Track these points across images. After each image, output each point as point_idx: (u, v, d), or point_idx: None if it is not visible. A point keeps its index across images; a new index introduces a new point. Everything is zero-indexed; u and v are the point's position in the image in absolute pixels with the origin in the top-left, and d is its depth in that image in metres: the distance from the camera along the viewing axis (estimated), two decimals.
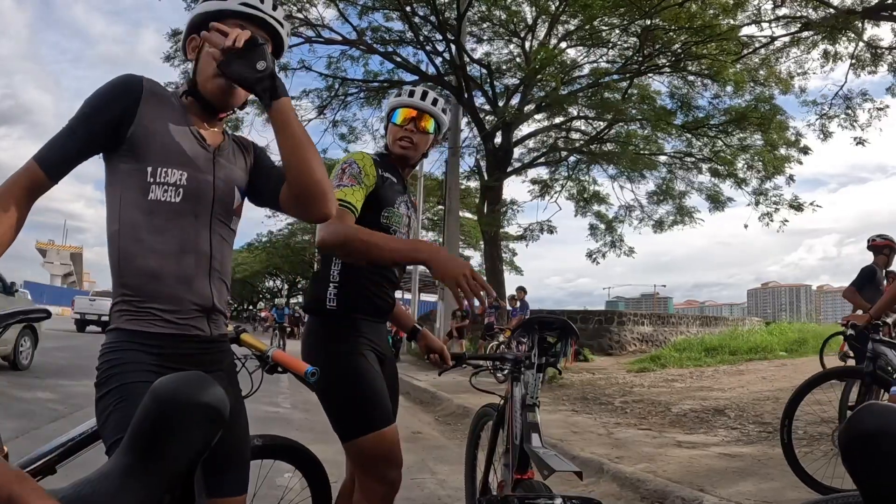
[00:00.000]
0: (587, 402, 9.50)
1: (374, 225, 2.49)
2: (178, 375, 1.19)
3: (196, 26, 1.85)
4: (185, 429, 1.14)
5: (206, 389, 1.17)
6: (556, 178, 20.90)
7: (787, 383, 10.13)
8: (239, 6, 1.80)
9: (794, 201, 17.32)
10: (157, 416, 1.13)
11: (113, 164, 1.73)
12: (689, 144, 18.67)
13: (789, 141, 16.99)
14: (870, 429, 1.15)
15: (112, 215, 1.74)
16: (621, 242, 20.22)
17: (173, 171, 1.72)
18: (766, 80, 16.21)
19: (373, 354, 2.54)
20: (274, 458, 2.60)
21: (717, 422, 7.52)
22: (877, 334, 4.64)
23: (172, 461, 1.14)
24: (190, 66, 1.89)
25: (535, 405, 2.49)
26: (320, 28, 17.42)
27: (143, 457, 1.12)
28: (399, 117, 2.70)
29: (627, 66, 17.12)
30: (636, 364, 15.01)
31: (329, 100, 19.03)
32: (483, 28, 19.38)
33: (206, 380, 1.20)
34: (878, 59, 13.70)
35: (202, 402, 1.15)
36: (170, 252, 1.72)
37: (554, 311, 20.48)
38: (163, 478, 1.13)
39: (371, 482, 2.45)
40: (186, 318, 1.75)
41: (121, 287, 1.72)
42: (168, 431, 1.13)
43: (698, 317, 26.05)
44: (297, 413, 8.19)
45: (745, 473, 5.05)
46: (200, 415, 1.15)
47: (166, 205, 1.71)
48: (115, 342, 1.70)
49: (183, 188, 1.73)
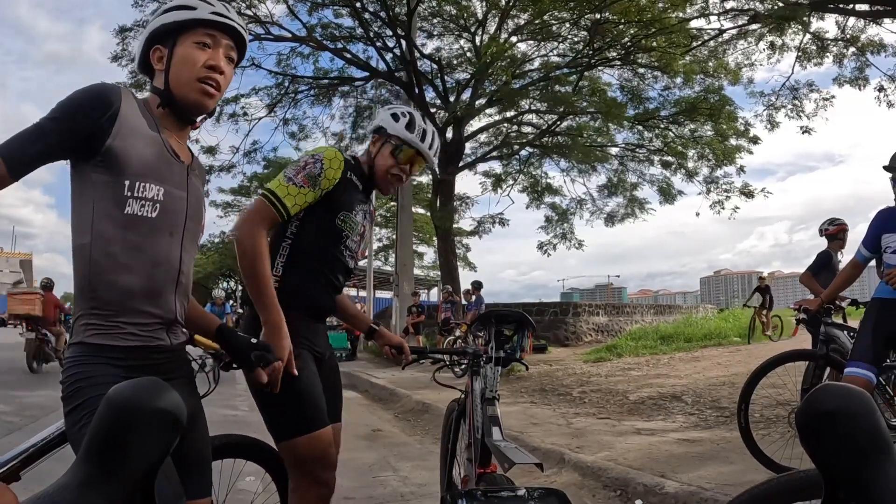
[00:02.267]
0: (545, 394, 9.53)
1: (327, 225, 2.49)
2: (133, 382, 1.17)
3: (161, 36, 1.85)
4: (142, 435, 1.12)
5: (162, 395, 1.16)
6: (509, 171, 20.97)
7: (743, 368, 10.31)
8: (210, 15, 1.83)
9: (745, 188, 17.67)
10: (114, 424, 1.12)
11: (84, 173, 1.69)
12: (640, 136, 18.89)
13: (739, 131, 17.29)
14: (826, 409, 1.16)
15: (82, 226, 1.69)
16: (572, 235, 20.36)
17: (151, 186, 1.72)
18: (715, 72, 16.47)
19: (308, 354, 2.50)
20: (238, 457, 2.56)
21: (675, 408, 7.60)
22: (829, 318, 4.72)
23: (131, 469, 1.12)
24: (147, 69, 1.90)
25: (495, 398, 2.48)
26: (270, 25, 17.22)
27: (100, 466, 1.11)
28: (403, 156, 2.66)
29: (578, 59, 17.23)
30: (592, 354, 15.11)
31: (279, 97, 18.84)
32: (433, 23, 19.36)
33: (160, 385, 1.18)
34: (823, 52, 14.00)
35: (158, 408, 1.14)
36: (143, 268, 1.72)
37: (509, 305, 20.57)
38: (122, 486, 1.11)
39: (305, 483, 2.43)
40: (149, 330, 1.76)
41: (90, 300, 1.69)
42: (125, 439, 1.11)
43: (652, 306, 26.47)
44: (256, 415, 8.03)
45: (705, 458, 5.10)
46: (157, 421, 1.14)
47: (143, 220, 1.71)
48: (81, 356, 1.68)
49: (160, 204, 1.74)
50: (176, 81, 1.81)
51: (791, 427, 4.58)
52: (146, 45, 1.87)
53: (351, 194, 2.56)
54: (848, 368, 3.79)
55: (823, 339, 4.68)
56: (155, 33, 1.84)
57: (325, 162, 2.44)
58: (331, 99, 19.60)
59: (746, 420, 4.67)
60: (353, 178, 2.57)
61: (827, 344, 4.65)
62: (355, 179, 2.59)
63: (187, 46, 1.82)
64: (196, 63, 1.81)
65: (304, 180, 2.40)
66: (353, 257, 2.65)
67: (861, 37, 13.64)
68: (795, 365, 4.77)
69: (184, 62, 1.81)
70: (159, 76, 1.85)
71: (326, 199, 2.47)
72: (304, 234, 2.50)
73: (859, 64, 14.00)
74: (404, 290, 18.85)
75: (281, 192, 2.37)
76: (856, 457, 1.14)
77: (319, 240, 2.51)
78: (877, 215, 4.06)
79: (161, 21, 1.83)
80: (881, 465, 1.14)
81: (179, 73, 1.81)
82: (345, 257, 2.60)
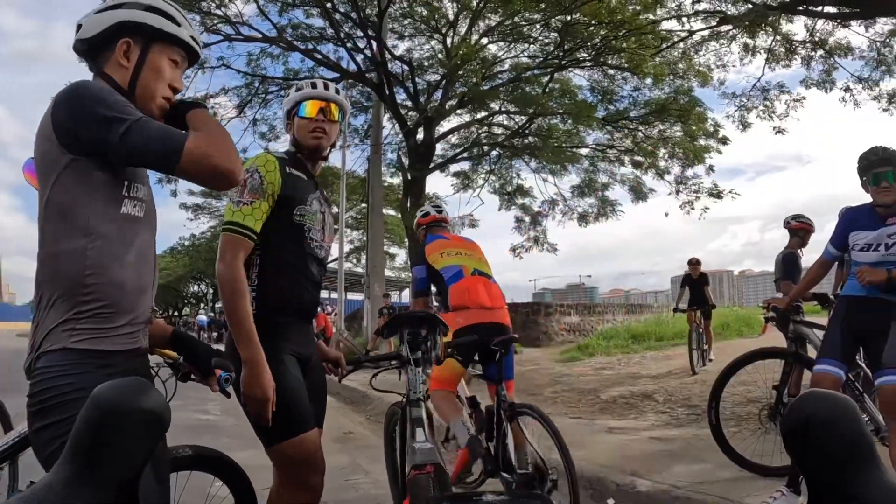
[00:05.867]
0: (517, 394, 9.47)
1: (287, 224, 2.51)
2: (117, 382, 1.18)
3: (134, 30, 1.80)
4: (127, 435, 1.13)
5: (146, 395, 1.17)
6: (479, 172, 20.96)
7: (713, 366, 10.40)
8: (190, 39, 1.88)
9: (714, 189, 17.81)
10: (98, 424, 1.12)
11: (81, 170, 1.64)
12: (610, 137, 18.97)
13: (708, 132, 17.43)
14: (808, 415, 1.18)
15: (74, 227, 1.64)
16: (545, 238, 20.38)
17: (140, 186, 1.75)
18: (685, 73, 16.59)
19: (293, 359, 2.51)
20: (202, 471, 2.53)
21: (647, 407, 7.64)
22: (797, 316, 4.75)
23: (115, 469, 1.13)
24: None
25: (419, 400, 2.47)
26: (240, 25, 17.04)
27: (85, 466, 1.11)
28: (307, 110, 2.68)
29: (548, 60, 17.27)
30: (564, 354, 15.18)
31: (249, 98, 18.65)
32: (404, 24, 19.26)
33: (145, 385, 1.19)
34: (791, 54, 14.17)
35: (142, 408, 1.14)
36: (136, 267, 1.73)
37: None
38: (107, 486, 1.12)
39: (294, 488, 2.45)
40: (137, 330, 1.74)
41: (79, 304, 1.63)
42: (109, 439, 1.12)
43: (624, 305, 26.62)
44: (229, 419, 7.95)
45: (677, 456, 5.12)
46: (141, 421, 1.14)
47: (134, 220, 1.73)
48: (65, 364, 1.59)
49: (145, 204, 1.77)
50: (143, 89, 1.80)
51: (762, 424, 4.60)
52: (113, 29, 1.80)
53: (298, 187, 2.58)
54: (817, 366, 3.81)
55: (793, 338, 4.71)
56: (130, 24, 1.79)
57: (260, 170, 2.47)
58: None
59: (717, 418, 4.69)
60: (294, 171, 2.59)
61: (796, 342, 4.69)
62: (296, 172, 2.60)
63: (162, 59, 1.82)
64: (167, 80, 1.83)
65: (250, 196, 2.43)
66: (320, 247, 2.66)
67: (829, 39, 13.83)
68: (765, 362, 4.79)
69: (157, 74, 1.81)
70: (120, 71, 1.80)
71: (279, 201, 2.50)
72: (270, 241, 2.51)
73: (827, 67, 14.19)
74: (375, 291, 18.77)
75: (238, 218, 2.41)
76: (838, 463, 1.15)
77: (285, 241, 2.53)
78: (845, 214, 4.09)
79: (145, 19, 1.79)
80: (864, 471, 1.15)
81: (149, 84, 1.80)
82: (313, 249, 2.61)
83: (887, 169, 3.76)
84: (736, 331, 18.34)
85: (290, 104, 2.72)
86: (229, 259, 2.36)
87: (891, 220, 3.76)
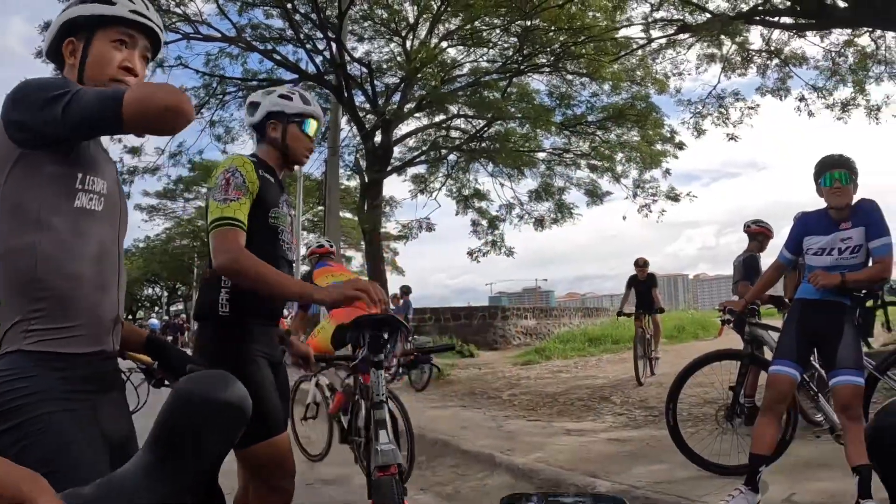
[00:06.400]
0: (475, 397, 9.53)
1: (263, 227, 2.50)
2: (200, 375, 1.23)
3: (76, 28, 1.75)
4: (208, 428, 1.14)
5: (229, 388, 1.18)
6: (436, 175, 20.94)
7: (669, 368, 10.48)
8: (129, 14, 1.76)
9: (671, 192, 18.06)
10: (180, 416, 1.14)
11: (32, 164, 1.57)
12: (567, 141, 19.09)
13: (664, 137, 17.66)
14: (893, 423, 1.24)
15: (24, 223, 1.57)
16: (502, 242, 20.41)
17: (98, 179, 1.67)
18: (643, 80, 16.79)
19: (265, 361, 2.50)
20: None
21: (604, 409, 7.70)
22: (753, 318, 4.83)
23: (195, 461, 1.14)
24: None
25: (382, 402, 2.48)
26: (199, 24, 16.77)
27: (165, 456, 1.12)
28: (311, 128, 2.71)
29: (507, 65, 17.34)
30: (521, 357, 15.24)
31: (206, 99, 18.36)
32: (364, 27, 19.15)
33: (227, 378, 1.20)
34: (747, 62, 14.43)
35: (225, 401, 1.16)
36: (92, 262, 1.64)
37: (437, 309, 20.61)
38: (186, 477, 1.13)
39: (266, 492, 2.44)
40: (100, 330, 1.66)
41: (33, 302, 1.56)
42: (190, 431, 1.13)
43: (580, 308, 26.86)
44: None
45: (636, 457, 5.16)
46: (223, 413, 1.16)
47: (90, 214, 1.64)
48: (18, 368, 1.52)
49: (104, 197, 1.68)
50: (90, 80, 1.73)
51: (719, 424, 4.67)
52: (59, 35, 1.77)
53: (271, 190, 2.57)
54: (773, 367, 3.87)
55: (749, 339, 4.78)
56: (69, 24, 1.75)
57: (241, 170, 2.45)
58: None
59: (675, 419, 4.73)
60: (266, 175, 2.58)
61: (753, 344, 4.76)
62: (268, 175, 2.59)
63: (104, 44, 1.74)
64: (111, 63, 1.74)
65: (236, 193, 2.40)
66: (290, 249, 2.68)
67: (785, 49, 14.13)
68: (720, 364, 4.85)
69: (99, 61, 1.73)
70: (71, 70, 1.76)
71: (256, 202, 2.48)
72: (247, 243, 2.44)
73: (782, 75, 14.46)
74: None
75: (229, 213, 2.36)
76: None
77: (262, 243, 2.48)
78: (800, 218, 4.16)
79: (78, 12, 1.74)
80: None
81: (93, 72, 1.73)
82: (285, 251, 2.62)
83: (841, 170, 3.84)
84: (691, 333, 18.63)
85: (294, 111, 2.68)
86: (235, 248, 2.30)
87: (844, 224, 3.84)
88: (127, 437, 1.69)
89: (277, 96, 2.71)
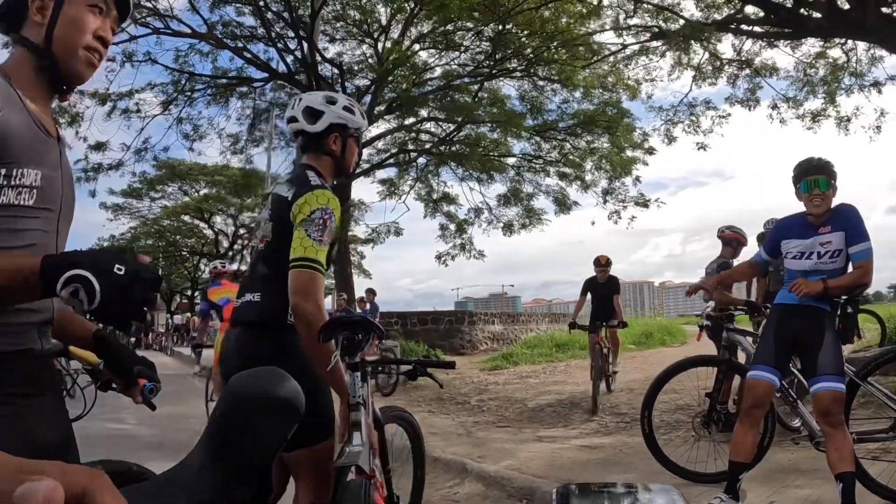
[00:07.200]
0: (443, 403, 9.42)
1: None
2: (252, 371, 1.21)
3: None
4: (260, 424, 1.16)
5: (281, 384, 1.19)
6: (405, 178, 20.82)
7: (639, 374, 10.50)
8: None
9: (640, 198, 18.12)
10: (232, 413, 1.16)
11: None
12: (537, 147, 19.10)
13: (635, 143, 17.73)
14: None
15: None
16: (471, 245, 20.33)
17: (29, 171, 1.50)
18: (615, 86, 16.83)
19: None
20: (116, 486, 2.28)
21: (574, 415, 7.62)
22: (731, 324, 4.77)
23: (248, 456, 1.16)
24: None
25: (359, 405, 2.45)
26: (169, 19, 16.47)
27: (219, 451, 1.14)
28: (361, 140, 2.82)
29: (479, 69, 17.30)
30: (489, 362, 15.16)
31: (175, 95, 18.06)
32: (336, 27, 18.99)
33: (279, 374, 1.21)
34: (718, 72, 14.53)
35: (277, 397, 1.17)
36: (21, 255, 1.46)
37: (404, 314, 20.51)
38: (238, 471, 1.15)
39: (325, 487, 2.48)
40: (21, 329, 1.51)
41: None
42: (242, 427, 1.15)
43: (547, 314, 26.90)
44: (144, 430, 7.60)
45: (608, 464, 5.08)
46: (275, 410, 1.17)
47: (18, 209, 1.49)
48: None
49: (37, 190, 1.52)
50: (62, 44, 1.58)
51: (695, 431, 4.59)
52: None
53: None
54: (751, 372, 3.80)
55: (725, 345, 4.72)
56: None
57: (335, 214, 2.51)
58: (228, 99, 18.92)
59: (650, 426, 4.65)
60: None
61: (730, 349, 4.70)
62: None
63: (80, 7, 1.59)
64: (87, 29, 1.60)
65: (328, 237, 2.48)
66: None
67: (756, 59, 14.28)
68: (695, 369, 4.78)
69: (75, 25, 1.58)
70: (35, 29, 1.58)
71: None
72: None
73: (752, 85, 14.63)
74: None
75: (321, 257, 2.43)
76: None
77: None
78: (778, 223, 4.11)
79: None
80: None
81: (67, 36, 1.58)
82: None
83: (820, 176, 3.79)
84: (658, 340, 18.69)
85: (356, 126, 2.74)
86: (320, 300, 2.41)
87: (823, 228, 3.79)
88: (62, 444, 1.55)
89: (342, 108, 2.70)
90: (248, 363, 2.40)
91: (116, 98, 16.81)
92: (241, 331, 2.61)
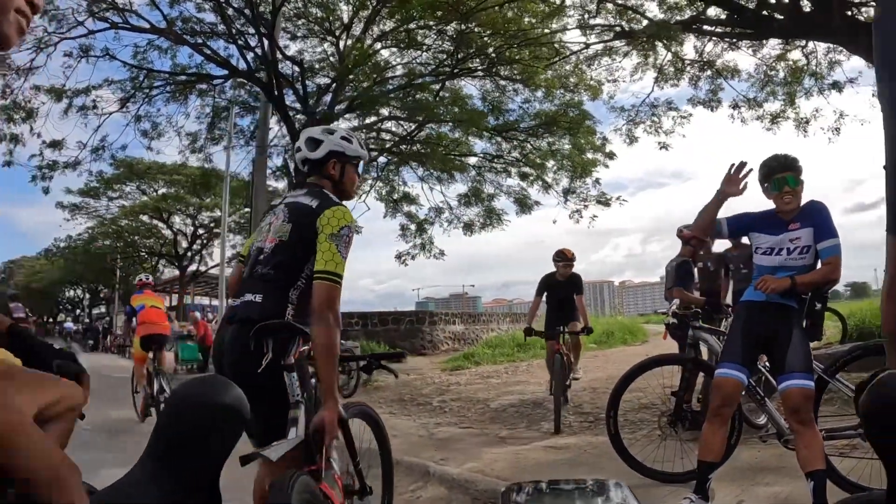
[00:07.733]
0: (404, 404, 9.30)
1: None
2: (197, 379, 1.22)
3: None
4: (206, 431, 1.14)
5: (225, 391, 1.18)
6: (365, 178, 20.62)
7: (601, 373, 10.47)
8: None
9: (601, 196, 18.14)
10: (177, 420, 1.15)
11: None
12: (499, 147, 19.06)
13: (595, 145, 17.76)
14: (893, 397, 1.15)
15: None
16: (431, 245, 20.21)
17: None
18: (576, 87, 16.83)
19: None
20: None
21: (538, 415, 7.55)
22: (696, 322, 4.73)
23: (194, 463, 1.13)
24: None
25: (298, 403, 2.60)
26: (128, 14, 16.06)
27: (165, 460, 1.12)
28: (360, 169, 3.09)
29: (440, 68, 17.21)
30: (450, 363, 15.09)
31: (133, 92, 17.62)
32: (298, 25, 18.75)
33: (223, 382, 1.20)
34: (680, 73, 14.62)
35: (221, 404, 1.16)
36: None
37: (365, 314, 20.38)
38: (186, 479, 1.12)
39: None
40: None
41: None
42: (188, 434, 1.13)
43: (507, 314, 26.88)
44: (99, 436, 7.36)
45: (574, 464, 5.00)
46: (220, 417, 1.15)
47: None
48: None
49: None
50: None
51: (662, 430, 4.54)
52: None
53: None
54: (719, 369, 3.75)
55: (691, 343, 4.67)
56: None
57: (353, 231, 2.78)
58: (187, 97, 18.54)
59: (616, 426, 4.58)
60: None
61: (695, 348, 4.65)
62: None
63: None
64: None
65: (347, 251, 2.72)
66: None
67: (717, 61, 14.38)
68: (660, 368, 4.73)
69: None
70: None
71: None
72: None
73: (713, 87, 14.72)
74: None
75: (341, 271, 2.67)
76: None
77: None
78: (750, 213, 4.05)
79: None
80: None
81: None
82: None
83: (788, 173, 3.76)
84: (620, 339, 18.77)
85: (353, 154, 3.00)
86: (338, 310, 2.64)
87: (792, 225, 3.76)
88: None
89: (340, 138, 2.98)
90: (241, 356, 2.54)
91: (73, 94, 16.32)
92: (237, 328, 2.65)
